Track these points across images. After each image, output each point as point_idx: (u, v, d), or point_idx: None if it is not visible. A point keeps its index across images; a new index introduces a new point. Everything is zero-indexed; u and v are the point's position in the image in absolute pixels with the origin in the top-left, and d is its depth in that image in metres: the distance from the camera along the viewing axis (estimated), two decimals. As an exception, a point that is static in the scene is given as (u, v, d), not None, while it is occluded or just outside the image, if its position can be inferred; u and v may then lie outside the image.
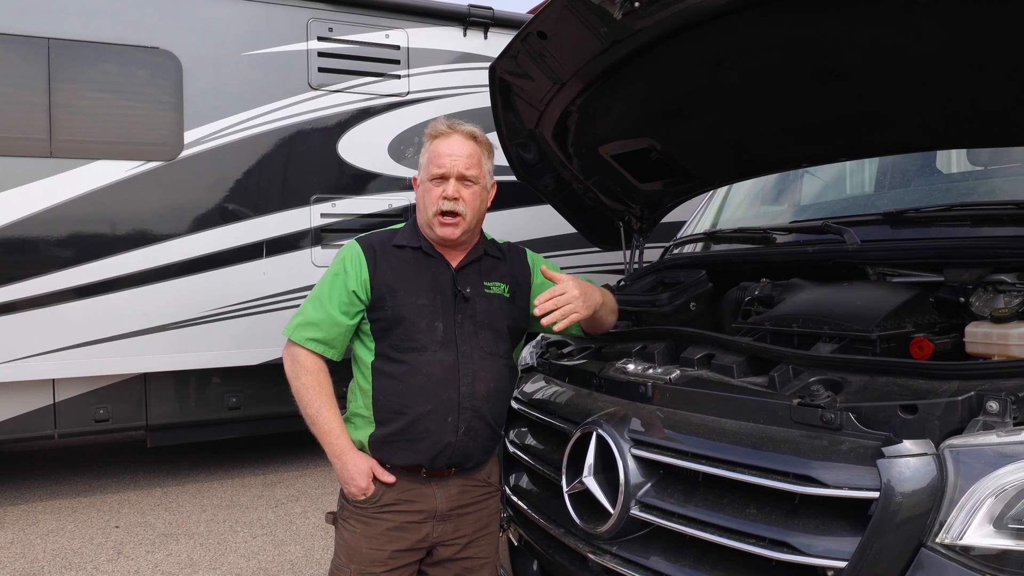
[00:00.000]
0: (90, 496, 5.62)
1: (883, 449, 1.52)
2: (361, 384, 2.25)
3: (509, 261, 2.39)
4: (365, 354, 2.25)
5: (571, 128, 2.99)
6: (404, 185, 5.79)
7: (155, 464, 6.45)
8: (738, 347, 2.11)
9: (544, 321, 2.13)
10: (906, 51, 2.06)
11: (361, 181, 5.69)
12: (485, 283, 2.29)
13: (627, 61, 2.56)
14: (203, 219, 5.21)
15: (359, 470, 2.19)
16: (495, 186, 2.35)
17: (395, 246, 2.28)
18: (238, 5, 5.27)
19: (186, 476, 6.12)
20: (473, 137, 2.26)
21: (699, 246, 3.32)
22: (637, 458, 1.95)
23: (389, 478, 2.20)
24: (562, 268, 2.43)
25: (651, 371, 2.18)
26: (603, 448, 2.02)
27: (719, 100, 2.63)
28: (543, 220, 5.34)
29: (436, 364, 2.17)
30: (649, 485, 1.94)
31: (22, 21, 4.72)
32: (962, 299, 2.15)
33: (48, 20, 4.78)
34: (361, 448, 2.24)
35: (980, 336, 2.01)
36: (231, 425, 5.79)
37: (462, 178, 2.20)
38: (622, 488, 1.93)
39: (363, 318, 2.24)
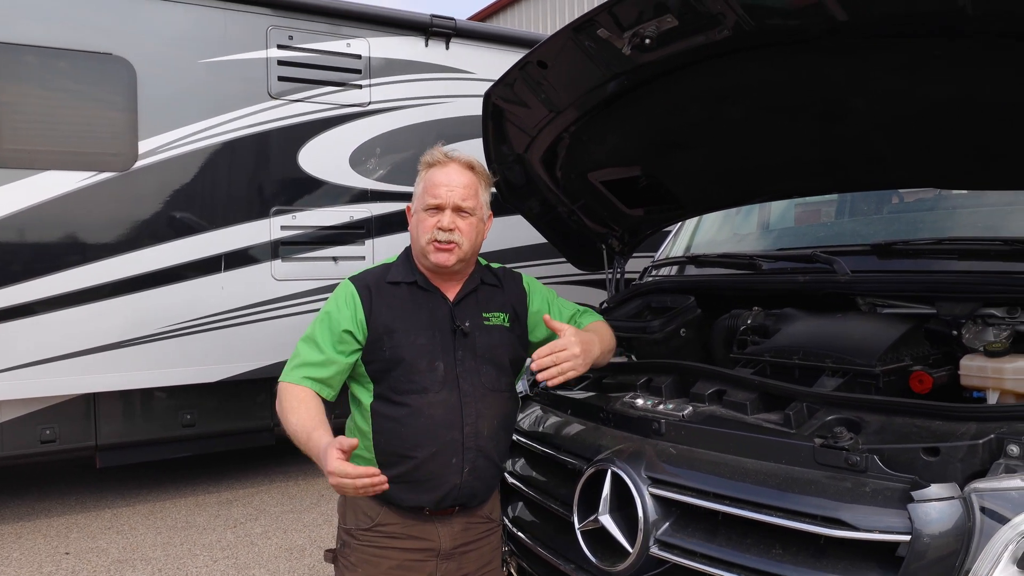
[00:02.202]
0: (34, 520, 5.35)
1: (912, 493, 1.56)
2: (360, 425, 2.20)
3: (506, 288, 2.36)
4: (363, 395, 2.20)
5: (560, 154, 2.98)
6: (366, 196, 5.70)
7: (101, 483, 6.19)
8: (750, 384, 2.13)
9: (540, 376, 2.09)
10: (912, 98, 2.10)
11: (322, 192, 5.57)
12: (484, 314, 2.25)
13: (627, 91, 2.56)
14: (158, 232, 5.01)
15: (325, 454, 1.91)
16: (491, 217, 2.31)
17: (389, 283, 2.22)
18: (195, 11, 5.08)
19: (136, 496, 5.89)
20: (471, 167, 2.21)
21: (684, 268, 3.34)
22: (655, 496, 1.96)
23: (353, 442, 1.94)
24: (541, 279, 2.41)
25: (662, 407, 2.19)
26: (618, 485, 2.01)
27: (717, 133, 2.65)
28: (520, 230, 5.32)
29: (438, 405, 2.12)
30: (668, 523, 1.94)
31: (-36, 24, 4.47)
32: (954, 332, 2.23)
33: (-6, 23, 4.53)
34: None
35: (975, 369, 2.08)
36: (185, 443, 5.60)
37: (458, 209, 2.15)
38: (641, 526, 1.93)
39: (358, 359, 2.18)
